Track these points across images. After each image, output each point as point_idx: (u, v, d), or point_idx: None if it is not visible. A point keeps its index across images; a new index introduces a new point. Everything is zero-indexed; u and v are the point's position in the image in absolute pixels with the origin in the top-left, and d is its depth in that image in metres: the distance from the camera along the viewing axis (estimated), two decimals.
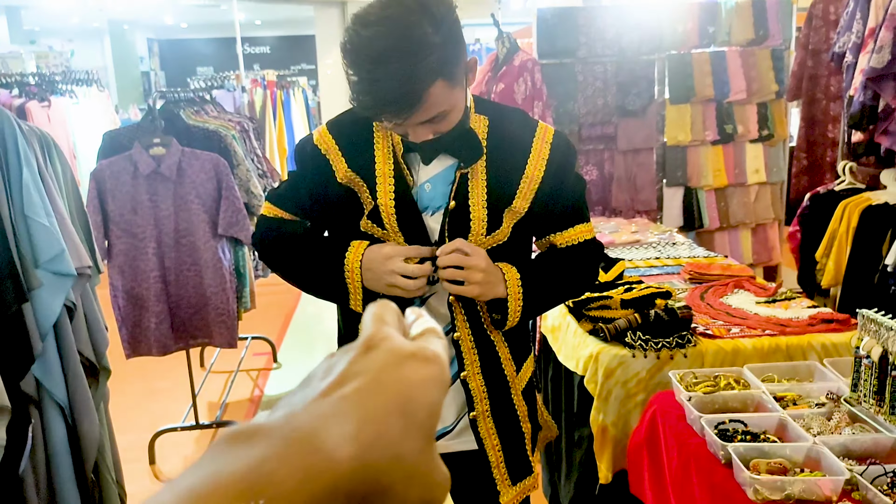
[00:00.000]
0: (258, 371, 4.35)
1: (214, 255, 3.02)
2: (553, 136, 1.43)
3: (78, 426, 1.61)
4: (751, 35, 4.71)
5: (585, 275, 1.52)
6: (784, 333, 2.19)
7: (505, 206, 1.39)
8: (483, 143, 1.39)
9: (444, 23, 1.20)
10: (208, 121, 3.47)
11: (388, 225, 1.39)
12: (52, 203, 1.50)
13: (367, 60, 1.17)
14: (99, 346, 1.72)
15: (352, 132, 1.43)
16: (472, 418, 1.47)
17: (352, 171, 1.40)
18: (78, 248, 1.57)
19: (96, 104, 6.49)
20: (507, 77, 3.97)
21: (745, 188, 4.93)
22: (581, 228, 1.47)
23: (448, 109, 1.26)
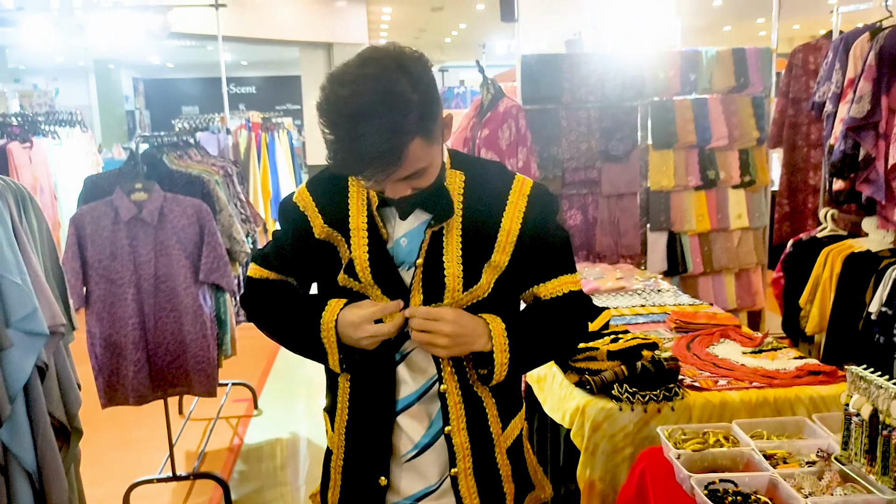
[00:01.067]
0: (238, 418, 4.26)
1: (195, 301, 2.97)
2: (531, 189, 1.41)
3: (46, 493, 1.54)
4: (732, 83, 4.78)
5: (573, 327, 1.48)
6: (772, 386, 2.17)
7: (483, 261, 1.38)
8: (459, 198, 1.39)
9: (422, 82, 1.21)
10: (191, 165, 3.45)
11: (363, 278, 1.39)
12: (26, 260, 1.46)
13: (346, 118, 1.17)
14: (71, 406, 1.66)
15: (328, 188, 1.44)
16: (454, 475, 1.43)
17: (328, 226, 1.41)
18: (52, 306, 1.53)
19: (79, 145, 6.45)
20: (491, 123, 3.99)
21: (728, 233, 4.96)
22: (565, 279, 1.45)
23: (426, 166, 1.27)
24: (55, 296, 1.58)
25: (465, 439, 1.43)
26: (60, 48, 14.16)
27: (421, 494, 1.45)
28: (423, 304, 1.38)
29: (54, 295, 1.58)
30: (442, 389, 1.41)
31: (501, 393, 1.47)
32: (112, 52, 16.36)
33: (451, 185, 1.39)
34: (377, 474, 1.44)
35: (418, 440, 1.44)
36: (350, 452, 1.49)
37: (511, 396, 1.51)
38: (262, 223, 4.14)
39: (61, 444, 1.63)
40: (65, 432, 1.65)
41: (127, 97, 19.50)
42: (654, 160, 4.81)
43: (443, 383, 1.41)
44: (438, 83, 5.22)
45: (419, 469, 1.45)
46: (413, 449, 1.45)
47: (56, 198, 5.84)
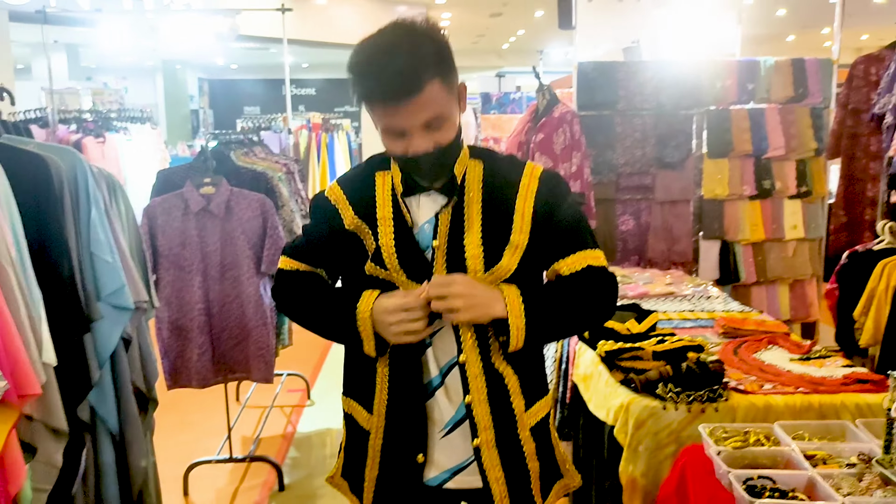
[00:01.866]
0: (292, 407, 4.41)
1: (257, 290, 3.12)
2: (541, 172, 1.53)
3: (127, 454, 1.68)
4: (790, 93, 4.75)
5: (592, 298, 1.52)
6: (817, 392, 2.18)
7: (503, 242, 1.47)
8: (479, 184, 1.51)
9: (438, 37, 1.38)
10: (256, 162, 3.60)
11: (389, 265, 1.49)
12: (116, 241, 1.60)
13: (374, 53, 1.34)
14: (150, 377, 1.81)
15: (357, 183, 1.58)
16: (476, 447, 1.50)
17: (357, 217, 1.53)
18: (136, 284, 1.67)
19: (148, 141, 6.72)
20: (546, 128, 4.06)
21: (783, 243, 4.91)
22: (584, 254, 1.50)
23: (445, 114, 1.39)
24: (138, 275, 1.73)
25: (486, 411, 1.50)
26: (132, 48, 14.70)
27: (457, 468, 1.54)
28: None
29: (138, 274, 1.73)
30: (461, 360, 1.49)
31: (524, 372, 1.55)
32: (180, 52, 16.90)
33: (471, 173, 1.51)
34: (415, 451, 1.53)
35: (452, 415, 1.53)
36: (389, 431, 1.56)
37: (535, 378, 1.59)
38: None
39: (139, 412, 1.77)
40: (143, 401, 1.80)
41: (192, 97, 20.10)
42: (708, 168, 4.80)
43: (462, 353, 1.49)
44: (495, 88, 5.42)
45: (454, 443, 1.54)
46: (448, 424, 1.54)
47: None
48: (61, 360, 1.34)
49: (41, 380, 1.20)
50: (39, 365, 1.22)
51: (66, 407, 1.35)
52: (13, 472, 1.21)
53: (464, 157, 1.51)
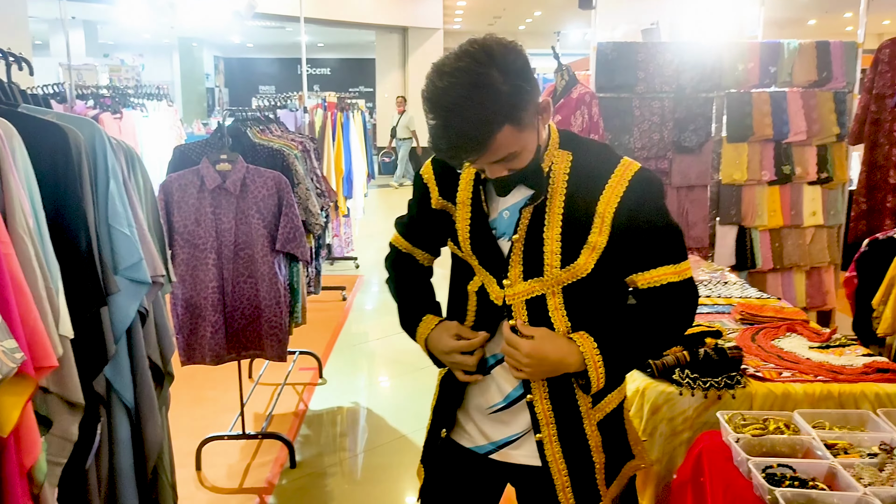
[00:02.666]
0: (304, 385, 4.42)
1: (271, 269, 3.11)
2: (634, 174, 1.43)
3: (142, 428, 1.68)
4: (814, 77, 4.67)
5: (670, 323, 1.50)
6: (837, 380, 2.16)
7: (582, 240, 1.43)
8: (564, 177, 1.45)
9: (512, 70, 1.29)
10: (272, 140, 3.58)
11: (464, 248, 1.53)
12: (134, 214, 1.59)
13: (440, 108, 1.29)
14: (166, 351, 1.81)
15: (445, 164, 1.57)
16: (539, 440, 1.51)
17: (442, 198, 1.57)
18: (153, 258, 1.66)
19: (164, 118, 6.73)
20: (564, 109, 4.02)
21: (801, 230, 4.86)
22: (665, 270, 1.45)
23: (517, 151, 1.35)
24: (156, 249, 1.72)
25: (548, 408, 1.50)
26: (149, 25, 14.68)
27: (504, 441, 1.56)
28: (522, 276, 1.46)
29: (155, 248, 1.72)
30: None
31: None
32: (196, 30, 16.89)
33: (557, 165, 1.46)
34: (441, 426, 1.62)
35: (506, 395, 1.54)
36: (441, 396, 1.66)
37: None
38: (335, 199, 4.27)
39: (155, 386, 1.77)
40: (159, 375, 1.79)
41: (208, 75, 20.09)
42: (727, 153, 4.75)
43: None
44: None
45: (503, 420, 1.56)
46: (500, 402, 1.55)
47: None
48: (78, 333, 1.34)
49: (58, 352, 1.19)
50: (56, 337, 1.22)
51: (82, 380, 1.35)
52: (28, 445, 1.21)
53: (552, 147, 1.47)
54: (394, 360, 4.94)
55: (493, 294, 1.50)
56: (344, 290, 6.39)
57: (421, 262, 1.72)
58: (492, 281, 1.50)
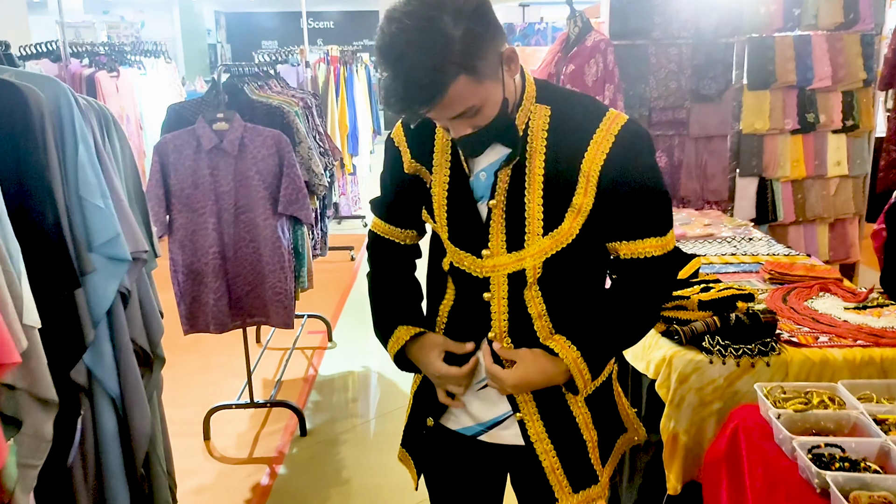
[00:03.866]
0: (313, 350, 4.33)
1: (273, 232, 2.97)
2: (621, 128, 1.28)
3: (129, 418, 1.56)
4: (840, 19, 4.42)
5: (650, 301, 1.39)
6: (878, 345, 2.02)
7: (565, 203, 1.29)
8: (544, 135, 1.31)
9: (466, 13, 1.15)
10: (272, 96, 3.41)
11: (437, 217, 1.40)
12: (109, 183, 1.43)
13: (389, 57, 1.16)
14: (154, 334, 1.67)
15: (420, 123, 1.41)
16: (520, 420, 1.41)
17: (415, 160, 1.42)
18: (134, 232, 1.51)
19: (163, 75, 6.54)
20: (577, 58, 3.81)
21: (825, 180, 4.67)
22: (651, 243, 1.32)
23: (478, 104, 1.21)
24: (138, 222, 1.57)
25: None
26: None
27: (492, 422, 1.45)
28: (505, 247, 1.33)
29: (137, 222, 1.57)
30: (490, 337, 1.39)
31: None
32: None
33: (535, 121, 1.31)
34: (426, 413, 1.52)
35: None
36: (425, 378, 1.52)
37: None
38: (339, 157, 4.11)
39: (143, 372, 1.64)
40: (147, 360, 1.66)
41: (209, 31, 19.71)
42: (748, 101, 4.53)
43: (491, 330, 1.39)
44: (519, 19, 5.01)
45: (491, 398, 1.44)
46: (483, 379, 1.44)
47: (142, 127, 5.96)
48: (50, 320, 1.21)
49: (21, 346, 1.06)
50: (19, 329, 1.08)
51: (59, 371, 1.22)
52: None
53: (527, 102, 1.32)
54: None
55: (471, 266, 1.36)
56: (352, 250, 6.26)
57: (403, 244, 1.54)
58: (466, 256, 1.36)
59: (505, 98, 1.26)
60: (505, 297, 1.35)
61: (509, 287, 1.34)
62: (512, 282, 1.34)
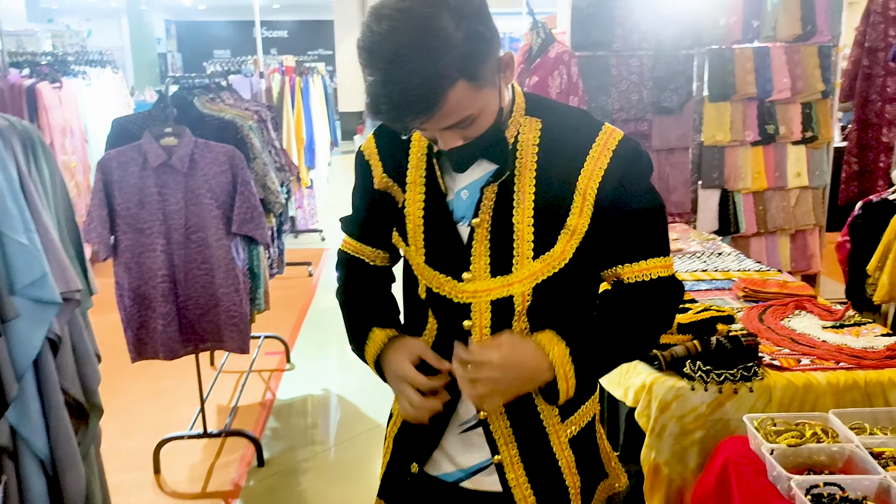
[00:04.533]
0: (270, 372, 4.15)
1: (227, 253, 2.81)
2: (618, 143, 1.19)
3: (61, 480, 1.39)
4: (798, 30, 4.44)
5: (656, 322, 1.27)
6: (861, 367, 1.96)
7: (558, 224, 1.18)
8: (534, 150, 1.20)
9: (468, 13, 1.04)
10: (224, 109, 3.25)
11: (412, 240, 1.27)
12: (35, 216, 1.26)
13: (379, 60, 1.02)
14: (89, 382, 1.49)
15: (393, 135, 1.29)
16: (498, 463, 1.28)
17: (387, 175, 1.30)
18: (65, 270, 1.34)
19: (110, 86, 6.30)
20: (541, 70, 3.74)
21: (785, 192, 4.68)
22: (655, 263, 1.22)
23: (475, 113, 1.10)
24: (70, 257, 1.40)
25: (506, 424, 1.27)
26: None
27: (476, 468, 1.32)
28: (489, 271, 1.20)
29: (69, 256, 1.40)
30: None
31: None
32: None
33: (525, 135, 1.20)
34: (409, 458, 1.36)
35: (473, 414, 1.30)
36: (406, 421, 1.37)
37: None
38: (296, 172, 3.96)
39: (78, 425, 1.47)
40: (82, 412, 1.49)
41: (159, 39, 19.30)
42: (709, 113, 4.52)
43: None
44: None
45: (474, 442, 1.31)
46: (469, 420, 1.31)
47: (87, 140, 5.72)
48: None
49: None
50: None
51: None
52: None
53: (517, 114, 1.21)
54: None
55: (451, 292, 1.23)
56: (310, 266, 6.09)
57: (374, 265, 1.41)
58: (446, 280, 1.23)
59: (500, 108, 1.15)
60: (487, 325, 1.23)
61: (492, 315, 1.23)
62: (496, 309, 1.22)
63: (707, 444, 1.89)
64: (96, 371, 1.58)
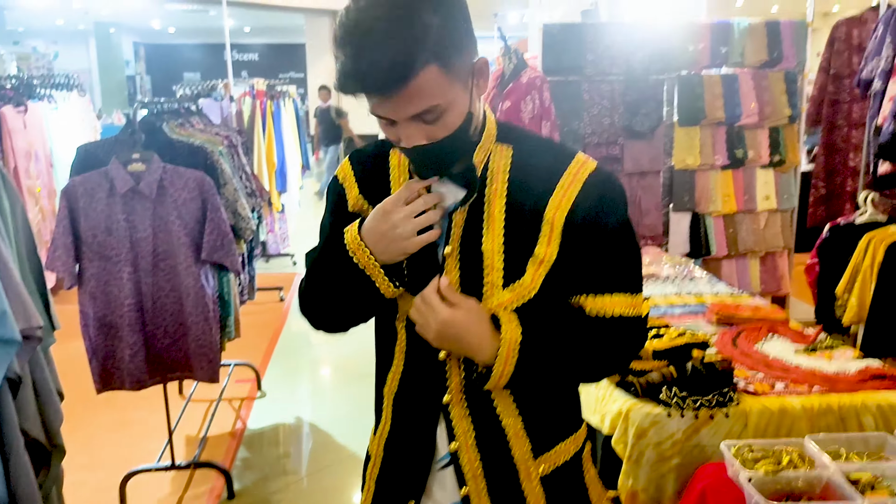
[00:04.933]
0: (241, 401, 4.06)
1: (196, 281, 2.76)
2: (590, 174, 1.16)
3: None
4: (764, 57, 4.52)
5: (613, 358, 1.23)
6: (835, 391, 1.96)
7: (526, 253, 1.16)
8: (504, 176, 1.18)
9: (445, 5, 1.04)
10: (194, 134, 3.21)
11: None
12: None
13: (354, 35, 1.02)
14: (51, 422, 1.43)
15: (369, 159, 1.28)
16: (465, 496, 1.24)
17: (362, 197, 1.26)
18: (26, 306, 1.29)
19: (76, 110, 6.20)
20: (513, 94, 3.75)
21: (755, 215, 4.73)
22: (620, 300, 1.17)
23: (443, 106, 1.07)
24: (31, 292, 1.35)
25: (476, 457, 1.23)
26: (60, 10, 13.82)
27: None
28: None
29: (30, 291, 1.35)
30: (445, 401, 1.22)
31: (537, 410, 1.24)
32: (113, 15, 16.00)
33: (495, 162, 1.19)
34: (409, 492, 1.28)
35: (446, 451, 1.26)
36: (387, 461, 1.32)
37: (553, 415, 1.27)
38: (267, 197, 3.92)
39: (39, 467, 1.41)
40: (43, 452, 1.43)
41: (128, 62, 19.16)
42: (679, 137, 4.57)
43: (447, 393, 1.22)
44: None
45: (446, 483, 1.27)
46: (443, 458, 1.26)
47: (52, 164, 5.62)
48: None
49: None
50: None
51: None
52: None
53: (487, 140, 1.19)
54: (338, 366, 4.62)
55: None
56: (281, 291, 6.02)
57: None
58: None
59: (470, 113, 1.12)
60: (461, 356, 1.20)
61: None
62: None
63: (684, 470, 1.88)
64: (58, 411, 1.52)
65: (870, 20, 3.81)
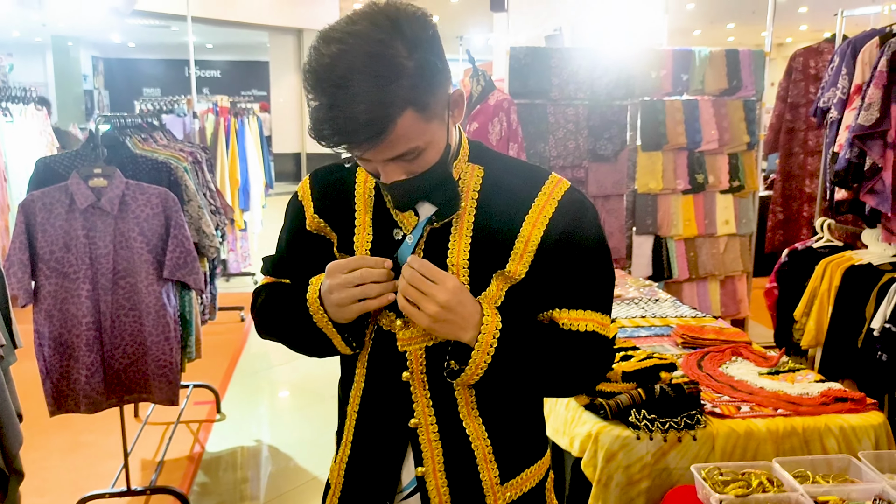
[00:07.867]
0: (199, 423, 3.97)
1: (158, 299, 2.70)
2: (564, 194, 1.17)
3: None
4: (724, 85, 4.64)
5: (585, 370, 1.20)
6: (798, 413, 1.99)
7: (495, 268, 1.16)
8: (474, 195, 1.18)
9: (421, 42, 1.01)
10: (157, 150, 3.16)
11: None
12: None
13: (326, 83, 0.98)
14: (10, 446, 1.38)
15: (331, 175, 1.26)
16: None
17: (320, 217, 1.24)
18: None
19: (33, 123, 6.06)
20: (481, 116, 3.78)
21: (715, 239, 4.83)
22: (592, 315, 1.17)
23: (421, 146, 1.06)
24: None
25: (443, 483, 1.21)
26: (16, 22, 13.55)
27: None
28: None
29: None
30: (412, 424, 1.20)
31: (505, 434, 1.24)
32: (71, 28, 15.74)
33: (465, 182, 1.18)
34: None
35: (410, 480, 1.24)
36: (348, 489, 1.28)
37: (521, 440, 1.26)
38: (231, 214, 3.86)
39: None
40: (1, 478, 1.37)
41: (85, 76, 18.82)
42: (642, 161, 4.65)
43: (414, 416, 1.20)
44: None
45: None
46: (411, 483, 1.24)
47: (6, 179, 5.46)
48: None
49: None
50: None
51: None
52: None
53: (460, 160, 1.19)
54: (300, 388, 4.55)
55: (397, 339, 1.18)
56: (242, 311, 5.92)
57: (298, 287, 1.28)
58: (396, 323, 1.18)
59: (448, 145, 1.12)
60: (423, 373, 1.18)
61: (427, 363, 1.18)
62: (430, 357, 1.18)
63: (653, 493, 1.88)
64: (18, 434, 1.46)
65: (825, 51, 3.93)
